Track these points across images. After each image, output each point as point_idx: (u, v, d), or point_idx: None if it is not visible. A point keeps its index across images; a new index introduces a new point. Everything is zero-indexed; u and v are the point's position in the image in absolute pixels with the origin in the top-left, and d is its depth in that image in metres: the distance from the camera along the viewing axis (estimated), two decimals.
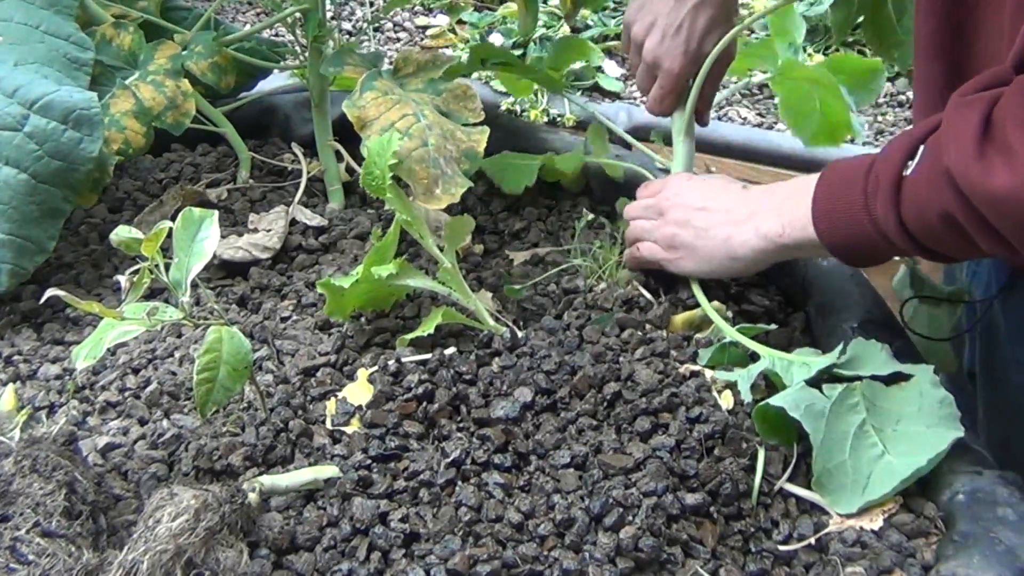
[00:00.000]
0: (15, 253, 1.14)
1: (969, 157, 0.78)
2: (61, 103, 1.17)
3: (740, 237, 1.01)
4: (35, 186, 1.15)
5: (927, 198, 0.84)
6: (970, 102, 0.80)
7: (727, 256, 1.04)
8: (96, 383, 1.03)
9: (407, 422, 0.93)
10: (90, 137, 1.17)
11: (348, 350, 1.06)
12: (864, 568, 0.78)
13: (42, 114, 1.16)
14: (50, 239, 1.17)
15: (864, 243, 0.91)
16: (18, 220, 1.14)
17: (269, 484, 0.83)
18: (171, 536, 0.72)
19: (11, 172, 1.14)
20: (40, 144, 1.15)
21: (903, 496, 0.84)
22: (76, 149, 1.17)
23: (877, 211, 0.88)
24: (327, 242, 1.28)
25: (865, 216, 0.89)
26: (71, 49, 1.25)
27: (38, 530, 0.73)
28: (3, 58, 1.20)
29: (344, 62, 1.24)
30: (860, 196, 0.89)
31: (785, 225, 0.97)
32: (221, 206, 1.36)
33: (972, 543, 0.77)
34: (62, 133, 1.16)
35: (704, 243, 1.05)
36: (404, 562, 0.79)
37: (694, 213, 1.06)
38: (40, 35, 1.24)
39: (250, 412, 0.96)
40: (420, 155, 1.06)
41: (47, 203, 1.16)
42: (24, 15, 1.25)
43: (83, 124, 1.17)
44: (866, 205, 0.89)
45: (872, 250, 0.92)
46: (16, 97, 1.17)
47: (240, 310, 1.16)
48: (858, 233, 0.91)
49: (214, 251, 0.90)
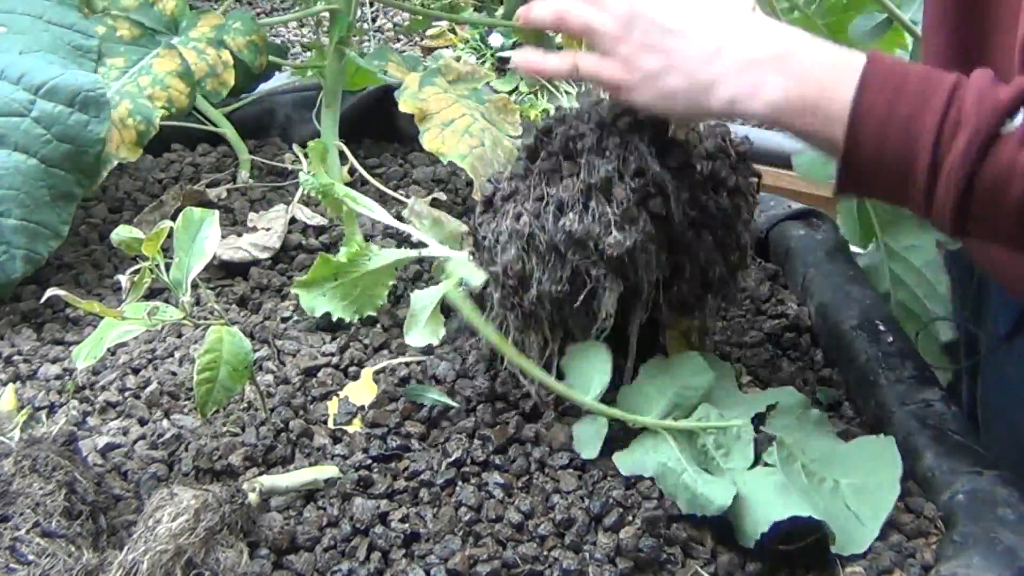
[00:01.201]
0: (29, 238, 1.14)
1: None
2: (67, 86, 1.17)
3: (728, 92, 0.78)
4: (45, 170, 1.15)
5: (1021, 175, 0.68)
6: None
7: (700, 106, 0.80)
8: (96, 383, 1.03)
9: (408, 422, 0.93)
10: (97, 119, 1.17)
11: (351, 350, 1.06)
12: (864, 568, 0.78)
13: (48, 98, 1.16)
14: (63, 223, 1.17)
15: (897, 178, 0.73)
16: (30, 205, 1.14)
17: (269, 484, 0.83)
18: (171, 536, 0.72)
19: (20, 158, 1.14)
20: (48, 128, 1.15)
21: (903, 496, 0.84)
22: (84, 131, 1.16)
23: (947, 154, 0.70)
24: (327, 242, 1.28)
25: (927, 153, 0.71)
26: (75, 37, 1.25)
27: (38, 530, 0.73)
28: (7, 47, 1.20)
29: (387, 58, 1.26)
30: (932, 126, 0.70)
31: (793, 99, 0.76)
32: (221, 205, 1.37)
33: (972, 543, 0.77)
34: (69, 116, 1.16)
35: (676, 80, 0.79)
36: (404, 562, 0.79)
37: (668, 35, 0.79)
38: (44, 24, 1.24)
39: (250, 412, 0.96)
40: (479, 153, 1.09)
41: (58, 187, 1.16)
42: (27, 5, 1.25)
43: (90, 106, 1.17)
44: (936, 141, 0.70)
45: (896, 187, 0.74)
46: (22, 83, 1.17)
47: (240, 310, 1.16)
48: (903, 166, 0.72)
49: (214, 251, 0.90)
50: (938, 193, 0.71)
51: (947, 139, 0.70)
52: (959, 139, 0.69)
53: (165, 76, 1.25)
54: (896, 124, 0.71)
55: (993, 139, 0.69)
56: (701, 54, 0.78)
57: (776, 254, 1.24)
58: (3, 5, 1.25)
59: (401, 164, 1.52)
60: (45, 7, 1.26)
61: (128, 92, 1.22)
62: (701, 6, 0.80)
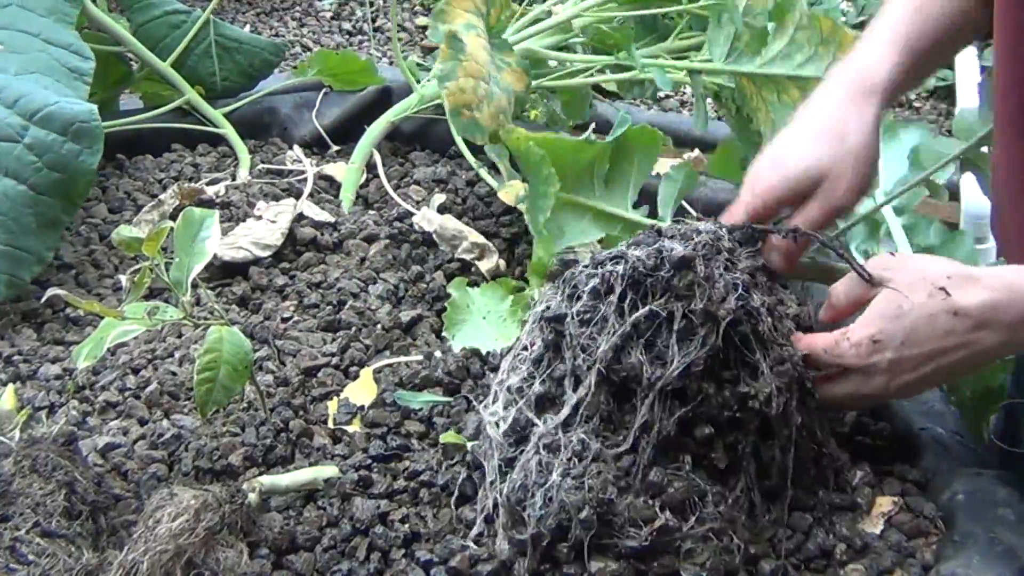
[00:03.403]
0: (12, 264, 1.14)
1: None
2: (62, 114, 1.17)
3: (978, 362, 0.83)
4: (34, 198, 1.15)
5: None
6: None
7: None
8: (96, 383, 1.03)
9: (408, 422, 0.93)
10: (90, 150, 1.17)
11: (352, 351, 1.06)
12: (864, 568, 0.78)
13: (42, 125, 1.16)
14: (48, 250, 1.17)
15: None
16: (16, 231, 1.14)
17: (269, 484, 0.83)
18: (171, 536, 0.72)
19: (10, 183, 1.14)
20: (40, 156, 1.16)
21: (903, 496, 0.84)
22: (75, 161, 1.17)
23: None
24: (334, 241, 1.28)
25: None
26: (71, 59, 1.25)
27: (38, 530, 0.73)
28: (4, 67, 1.20)
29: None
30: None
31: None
32: (220, 202, 1.36)
33: (972, 543, 0.76)
34: (62, 145, 1.16)
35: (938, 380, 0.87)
36: (404, 562, 0.78)
37: (925, 365, 0.82)
38: (41, 43, 1.25)
39: (250, 412, 0.96)
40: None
41: (45, 215, 1.16)
42: (25, 22, 1.25)
43: (83, 136, 1.17)
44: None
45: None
46: (16, 108, 1.17)
47: (240, 310, 1.16)
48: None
49: (214, 251, 0.90)
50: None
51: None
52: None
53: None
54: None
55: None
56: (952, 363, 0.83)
57: None
58: (2, 20, 1.25)
59: (401, 164, 1.52)
60: (42, 25, 1.26)
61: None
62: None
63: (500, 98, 1.23)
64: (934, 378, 0.83)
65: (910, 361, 0.81)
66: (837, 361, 0.83)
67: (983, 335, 0.79)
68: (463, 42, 1.20)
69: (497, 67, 1.26)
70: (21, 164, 1.15)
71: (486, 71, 1.22)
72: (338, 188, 1.41)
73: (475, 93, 1.19)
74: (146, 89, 1.66)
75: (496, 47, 1.30)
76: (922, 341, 0.80)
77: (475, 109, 1.19)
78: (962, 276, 0.80)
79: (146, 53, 1.55)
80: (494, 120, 1.20)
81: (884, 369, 0.81)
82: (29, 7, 1.28)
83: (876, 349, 0.81)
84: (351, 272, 1.21)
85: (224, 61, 1.62)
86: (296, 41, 2.91)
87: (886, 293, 0.82)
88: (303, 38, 2.95)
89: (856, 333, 0.82)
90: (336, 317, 1.12)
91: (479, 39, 1.24)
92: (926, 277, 0.81)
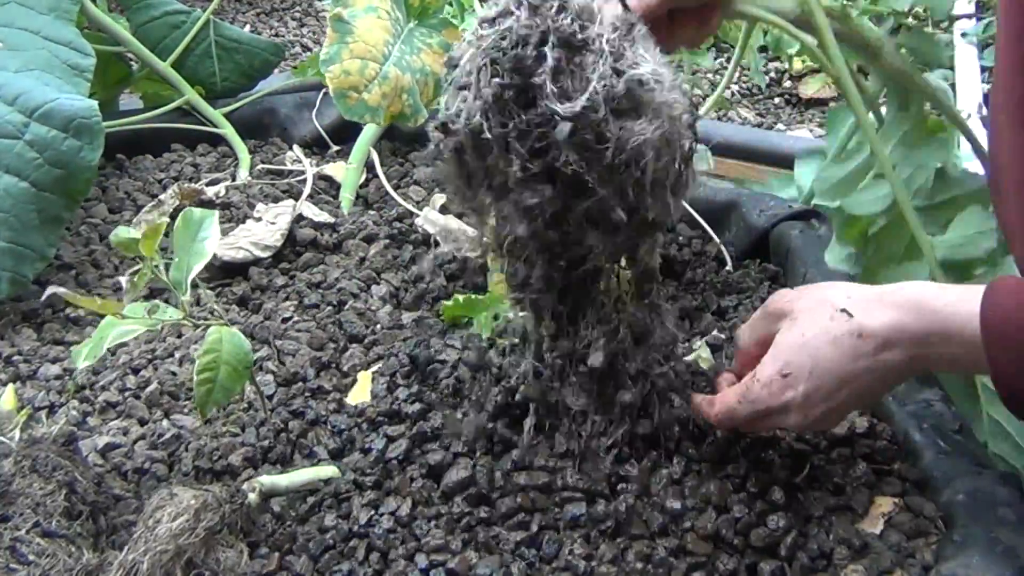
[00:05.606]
0: (15, 260, 1.14)
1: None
2: (62, 111, 1.17)
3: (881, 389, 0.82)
4: (36, 194, 1.15)
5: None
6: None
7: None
8: (96, 383, 1.03)
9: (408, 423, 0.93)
10: (90, 145, 1.17)
11: (352, 351, 1.06)
12: (864, 568, 0.78)
13: (43, 122, 1.16)
14: (50, 246, 1.17)
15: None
16: (18, 228, 1.14)
17: (269, 484, 0.83)
18: (171, 536, 0.72)
19: (11, 180, 1.15)
20: (40, 152, 1.16)
21: (903, 496, 0.84)
22: (76, 157, 1.17)
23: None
24: (333, 242, 1.28)
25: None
26: (72, 55, 1.25)
27: (38, 530, 0.73)
28: (4, 64, 1.20)
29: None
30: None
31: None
32: (220, 203, 1.36)
33: (972, 543, 0.77)
34: (63, 141, 1.16)
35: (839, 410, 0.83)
36: (403, 562, 0.78)
37: (838, 392, 0.80)
38: (41, 41, 1.25)
39: (250, 412, 0.96)
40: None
41: (47, 211, 1.16)
42: (25, 19, 1.25)
43: (83, 132, 1.17)
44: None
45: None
46: (17, 105, 1.17)
47: (240, 310, 1.16)
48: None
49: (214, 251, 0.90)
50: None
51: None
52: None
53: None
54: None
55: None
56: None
57: (777, 254, 1.23)
58: (2, 18, 1.25)
59: (401, 163, 1.52)
60: (43, 22, 1.26)
61: None
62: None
63: (400, 79, 1.23)
64: (850, 403, 0.80)
65: (822, 391, 0.78)
66: (753, 408, 0.80)
67: (890, 355, 0.76)
68: (349, 24, 1.21)
69: (411, 49, 1.27)
70: (22, 161, 1.15)
71: (380, 52, 1.22)
72: (338, 188, 1.41)
73: (362, 75, 1.20)
74: (146, 89, 1.66)
75: (417, 28, 1.31)
76: (831, 368, 0.78)
77: (363, 91, 1.19)
78: (864, 297, 0.78)
79: (146, 53, 1.55)
80: (389, 100, 1.20)
81: (799, 405, 0.79)
82: (29, 4, 1.28)
83: (788, 384, 0.78)
84: (351, 272, 1.21)
85: (224, 61, 1.62)
86: (296, 41, 2.90)
87: (787, 323, 0.80)
88: (303, 38, 2.95)
89: (764, 371, 0.80)
90: (336, 317, 1.12)
91: (379, 21, 1.24)
92: (826, 299, 0.79)
